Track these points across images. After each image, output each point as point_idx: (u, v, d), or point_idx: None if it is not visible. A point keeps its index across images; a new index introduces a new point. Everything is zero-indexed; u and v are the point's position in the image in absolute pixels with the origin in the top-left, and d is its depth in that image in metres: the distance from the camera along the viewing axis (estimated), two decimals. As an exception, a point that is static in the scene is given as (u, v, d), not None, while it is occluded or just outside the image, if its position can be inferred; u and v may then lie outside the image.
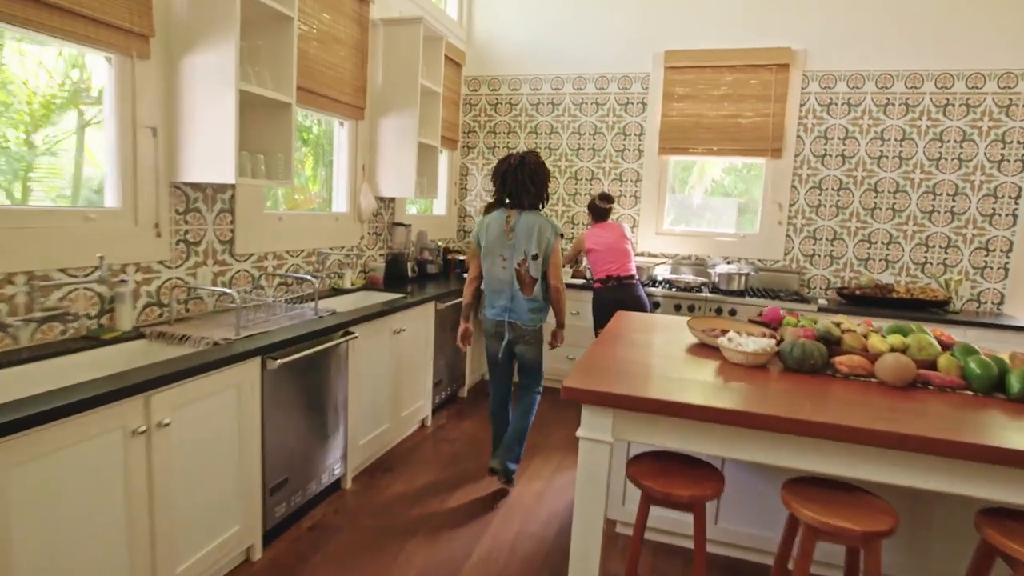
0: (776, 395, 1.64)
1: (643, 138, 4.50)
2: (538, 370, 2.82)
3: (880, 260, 4.14)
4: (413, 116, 3.48)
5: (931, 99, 3.94)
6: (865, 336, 2.01)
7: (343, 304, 3.18)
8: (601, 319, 3.64)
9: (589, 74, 4.57)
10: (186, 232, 2.34)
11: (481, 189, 4.95)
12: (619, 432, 1.64)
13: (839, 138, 4.12)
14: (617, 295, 3.60)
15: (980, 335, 3.49)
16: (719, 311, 3.86)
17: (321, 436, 2.43)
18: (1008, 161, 3.86)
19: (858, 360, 1.87)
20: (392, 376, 3.00)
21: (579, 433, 1.66)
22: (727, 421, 1.51)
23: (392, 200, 3.93)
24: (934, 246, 4.03)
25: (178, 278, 2.31)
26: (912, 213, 4.05)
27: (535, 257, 2.61)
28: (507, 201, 2.68)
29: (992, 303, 3.97)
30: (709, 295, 3.91)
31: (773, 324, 2.43)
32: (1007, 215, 3.89)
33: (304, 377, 2.28)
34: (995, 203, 3.90)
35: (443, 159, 4.79)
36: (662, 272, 4.37)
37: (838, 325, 2.11)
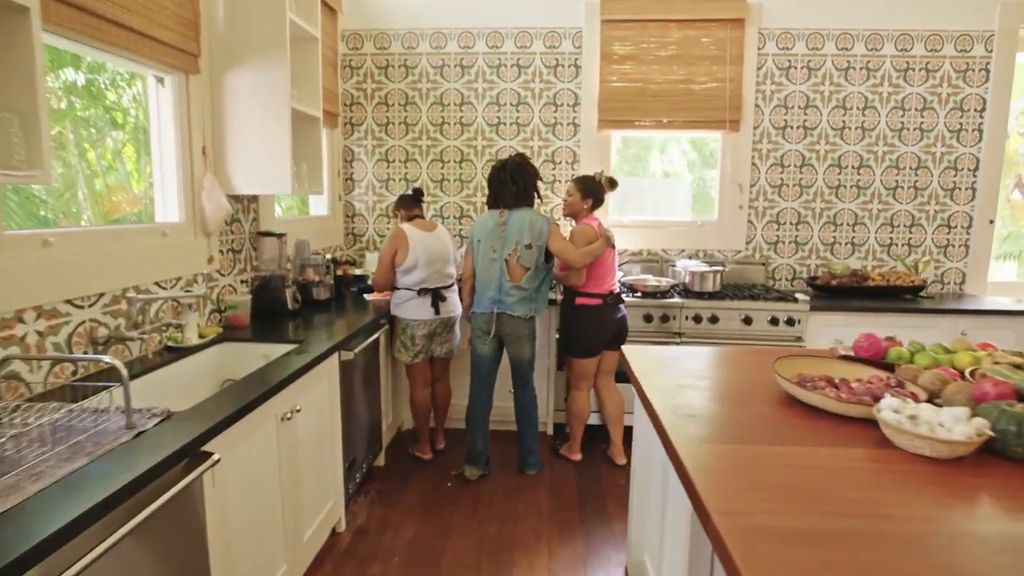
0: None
1: (578, 109, 3.65)
2: (530, 370, 2.79)
3: (846, 244, 3.70)
4: (281, 70, 2.27)
5: (892, 63, 3.52)
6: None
7: (186, 382, 1.94)
8: (595, 346, 2.80)
9: (507, 29, 3.60)
10: None
11: (373, 179, 3.79)
12: None
13: (800, 107, 3.59)
14: (620, 315, 2.82)
15: (978, 324, 3.13)
16: (698, 319, 3.15)
17: (163, 663, 1.25)
18: (966, 131, 3.56)
19: (1118, 436, 1.15)
20: (285, 487, 1.84)
21: None
22: None
23: (254, 200, 2.67)
24: (899, 225, 3.67)
25: None
26: (876, 190, 3.64)
27: (528, 246, 2.63)
28: (498, 203, 2.71)
29: (954, 283, 3.71)
30: (684, 301, 3.17)
31: (876, 360, 1.68)
32: (967, 188, 3.62)
33: (111, 577, 1.09)
34: (955, 176, 3.61)
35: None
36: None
37: (1019, 367, 1.40)
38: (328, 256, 3.13)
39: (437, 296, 2.75)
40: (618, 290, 2.85)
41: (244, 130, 2.30)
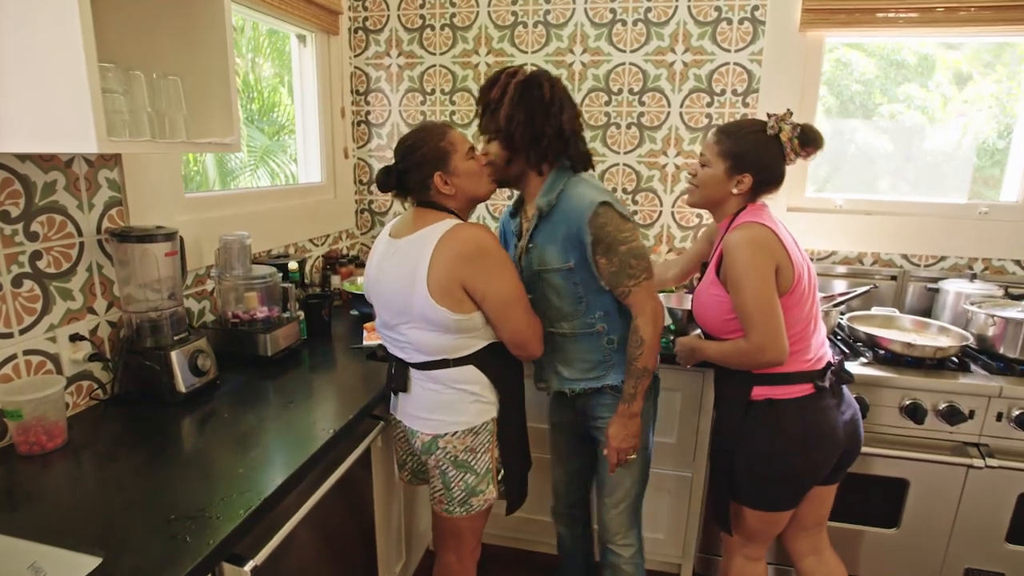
0: None
1: (763, -8, 1.97)
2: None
3: None
4: None
5: None
6: None
7: None
8: (801, 486, 1.29)
9: None
10: None
11: (401, 121, 2.32)
12: None
13: None
14: (849, 414, 1.28)
15: None
16: (1022, 421, 1.52)
17: None
18: None
19: None
20: None
21: None
22: None
23: (107, 163, 1.28)
24: None
25: None
26: None
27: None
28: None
29: None
30: (1003, 383, 1.54)
31: None
32: None
33: None
34: None
35: (309, 54, 2.12)
36: (833, 314, 1.88)
37: None
38: (314, 251, 1.74)
39: (395, 371, 1.25)
40: (834, 357, 1.27)
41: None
